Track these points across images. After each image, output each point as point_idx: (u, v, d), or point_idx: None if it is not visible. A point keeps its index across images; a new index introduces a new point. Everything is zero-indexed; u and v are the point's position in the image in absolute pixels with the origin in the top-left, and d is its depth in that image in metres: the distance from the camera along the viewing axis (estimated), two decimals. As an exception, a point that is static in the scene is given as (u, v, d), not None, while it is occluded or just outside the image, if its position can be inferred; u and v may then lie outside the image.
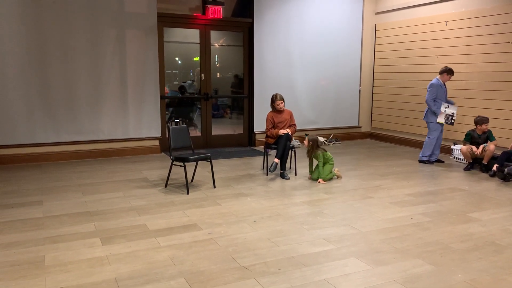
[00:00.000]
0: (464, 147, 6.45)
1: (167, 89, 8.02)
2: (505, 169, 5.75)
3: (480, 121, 6.36)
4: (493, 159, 6.26)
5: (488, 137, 6.40)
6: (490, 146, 6.25)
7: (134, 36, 7.27)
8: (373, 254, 3.49)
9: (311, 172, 5.93)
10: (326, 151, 5.86)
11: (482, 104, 7.08)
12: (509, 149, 6.16)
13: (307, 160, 6.03)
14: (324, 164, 5.78)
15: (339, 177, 5.95)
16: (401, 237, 3.86)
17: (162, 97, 7.75)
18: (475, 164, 6.56)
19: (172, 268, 3.22)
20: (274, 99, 6.15)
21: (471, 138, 6.48)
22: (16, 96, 6.64)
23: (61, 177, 5.97)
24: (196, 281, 3.03)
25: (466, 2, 7.29)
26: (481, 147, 6.32)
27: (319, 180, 5.74)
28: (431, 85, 6.75)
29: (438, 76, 6.80)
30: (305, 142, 5.88)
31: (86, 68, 7.01)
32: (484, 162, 6.33)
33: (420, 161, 7.06)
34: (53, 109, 6.89)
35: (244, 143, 8.70)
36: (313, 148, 5.80)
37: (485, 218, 4.38)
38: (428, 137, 6.95)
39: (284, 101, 6.18)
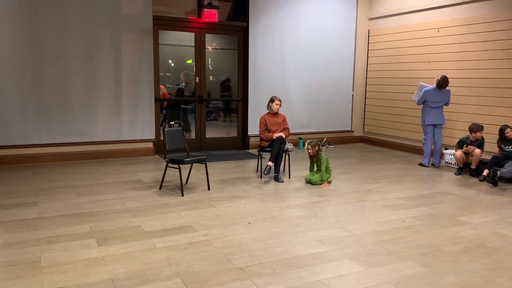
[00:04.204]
0: (458, 153, 6.54)
1: (165, 90, 8.06)
2: (498, 172, 5.82)
3: (475, 128, 6.42)
4: (483, 164, 6.36)
5: (480, 144, 6.49)
6: (476, 150, 6.35)
7: (129, 39, 7.29)
8: (366, 256, 3.55)
9: (311, 171, 5.98)
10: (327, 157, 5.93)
11: (473, 110, 7.19)
12: (498, 154, 6.27)
13: (301, 163, 6.08)
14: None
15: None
16: (394, 239, 3.93)
17: (157, 100, 7.77)
18: (465, 169, 6.66)
19: (168, 269, 3.25)
20: (273, 98, 6.23)
21: (463, 145, 6.58)
22: (10, 97, 6.62)
23: (55, 178, 5.97)
24: (192, 281, 3.06)
25: (457, 9, 7.41)
26: (470, 147, 6.42)
27: (323, 183, 5.79)
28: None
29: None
30: (309, 150, 5.89)
31: (81, 69, 7.01)
32: (472, 166, 6.44)
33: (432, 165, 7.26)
34: (47, 110, 6.88)
35: (238, 146, 8.74)
36: (318, 152, 5.85)
37: (476, 221, 4.47)
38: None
39: (281, 103, 6.28)
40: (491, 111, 6.92)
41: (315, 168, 6.05)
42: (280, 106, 6.25)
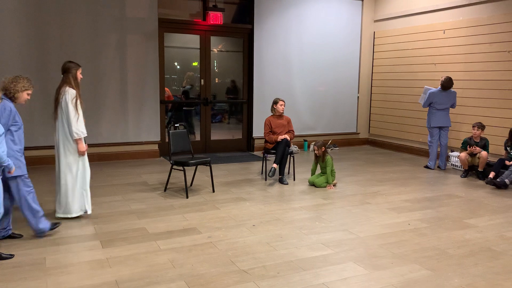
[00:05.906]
0: (463, 154, 6.51)
1: (170, 92, 8.08)
2: (506, 180, 5.77)
3: (476, 124, 6.43)
4: (489, 166, 6.32)
5: (485, 145, 6.45)
6: (483, 153, 6.31)
7: (135, 41, 7.32)
8: (371, 259, 3.53)
9: (313, 174, 5.97)
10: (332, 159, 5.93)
11: (479, 112, 7.15)
12: (504, 157, 6.22)
13: (306, 165, 6.07)
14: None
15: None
16: (399, 242, 3.91)
17: (162, 102, 7.79)
18: (471, 171, 6.62)
19: (172, 271, 3.25)
20: (276, 100, 6.25)
21: (467, 146, 6.54)
22: (17, 99, 6.66)
23: (60, 180, 5.98)
24: (196, 284, 3.06)
25: (463, 11, 7.38)
26: (475, 148, 6.37)
27: (328, 186, 5.78)
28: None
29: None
30: (316, 150, 5.89)
31: (86, 71, 7.03)
32: (479, 169, 6.40)
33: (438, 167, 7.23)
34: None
35: (242, 148, 8.74)
36: (324, 154, 5.85)
37: (481, 224, 4.44)
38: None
39: (285, 103, 6.28)
40: (497, 113, 6.87)
41: (317, 171, 6.03)
42: (284, 106, 6.26)
